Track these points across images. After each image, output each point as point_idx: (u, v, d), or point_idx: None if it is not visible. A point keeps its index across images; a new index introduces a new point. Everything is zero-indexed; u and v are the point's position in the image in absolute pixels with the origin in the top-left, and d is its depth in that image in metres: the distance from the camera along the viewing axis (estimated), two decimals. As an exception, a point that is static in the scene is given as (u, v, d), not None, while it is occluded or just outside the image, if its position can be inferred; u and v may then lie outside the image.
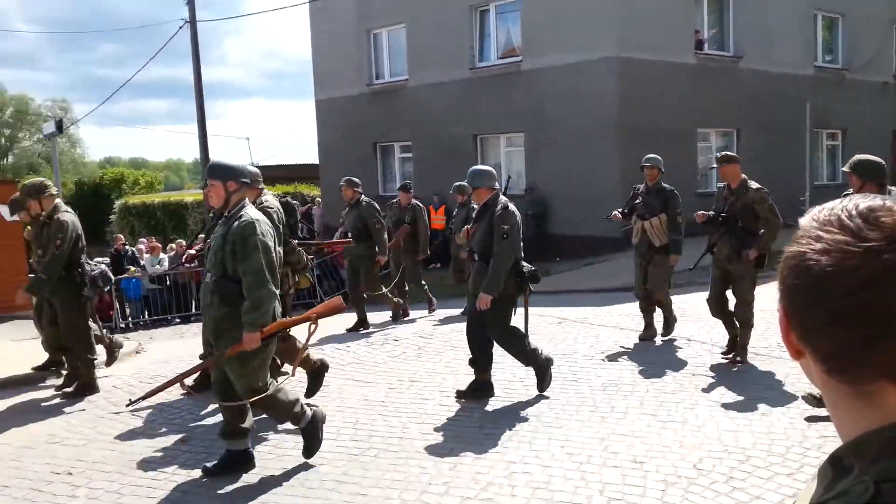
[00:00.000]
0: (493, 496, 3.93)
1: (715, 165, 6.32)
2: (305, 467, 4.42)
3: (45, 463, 4.70)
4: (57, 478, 4.45)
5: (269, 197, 5.58)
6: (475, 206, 9.05)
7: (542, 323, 8.51)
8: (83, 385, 6.18)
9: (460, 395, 5.58)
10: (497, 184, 5.59)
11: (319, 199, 21.16)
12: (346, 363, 6.96)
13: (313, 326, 4.48)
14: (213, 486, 4.21)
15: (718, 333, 7.10)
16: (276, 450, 4.76)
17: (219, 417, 4.83)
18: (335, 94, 19.59)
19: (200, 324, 12.55)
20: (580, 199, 14.05)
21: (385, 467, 4.39)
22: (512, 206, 5.44)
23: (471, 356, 5.65)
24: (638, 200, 7.04)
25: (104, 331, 6.87)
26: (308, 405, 4.50)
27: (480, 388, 5.61)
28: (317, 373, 5.48)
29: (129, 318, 13.26)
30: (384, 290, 8.88)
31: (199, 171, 25.52)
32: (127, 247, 15.13)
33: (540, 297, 11.73)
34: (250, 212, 4.25)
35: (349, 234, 8.30)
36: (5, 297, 9.16)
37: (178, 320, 12.91)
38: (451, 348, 7.30)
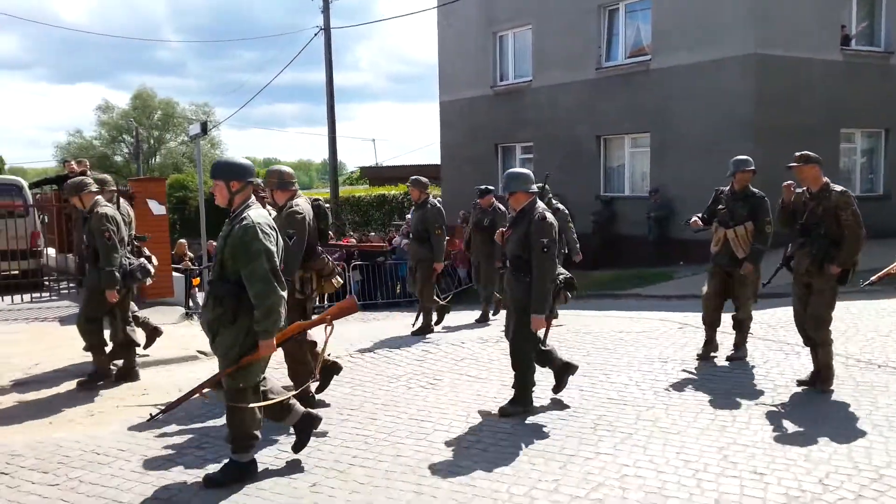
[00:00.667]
0: (603, 497, 3.86)
1: (793, 164, 5.55)
2: (419, 458, 4.51)
3: (181, 438, 5.05)
4: (191, 453, 4.78)
5: (301, 200, 5.41)
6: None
7: (663, 327, 8.26)
8: (97, 372, 6.33)
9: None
10: (534, 188, 5.27)
11: (440, 199, 21.50)
12: (461, 359, 7.03)
13: (329, 328, 4.48)
14: (345, 471, 4.38)
15: (853, 346, 6.64)
16: (391, 437, 4.88)
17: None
18: (459, 96, 19.84)
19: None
20: (708, 201, 13.46)
21: (494, 461, 4.40)
22: (550, 216, 5.10)
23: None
24: (721, 206, 6.45)
25: (146, 317, 7.11)
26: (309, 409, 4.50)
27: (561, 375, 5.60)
28: (328, 371, 5.56)
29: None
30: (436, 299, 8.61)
31: (328, 172, 26.58)
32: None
33: (661, 301, 11.48)
34: (252, 214, 4.06)
35: (411, 235, 8.31)
36: (151, 285, 9.94)
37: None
38: (565, 348, 7.21)
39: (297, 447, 4.48)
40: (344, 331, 8.13)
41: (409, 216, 8.56)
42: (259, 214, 4.10)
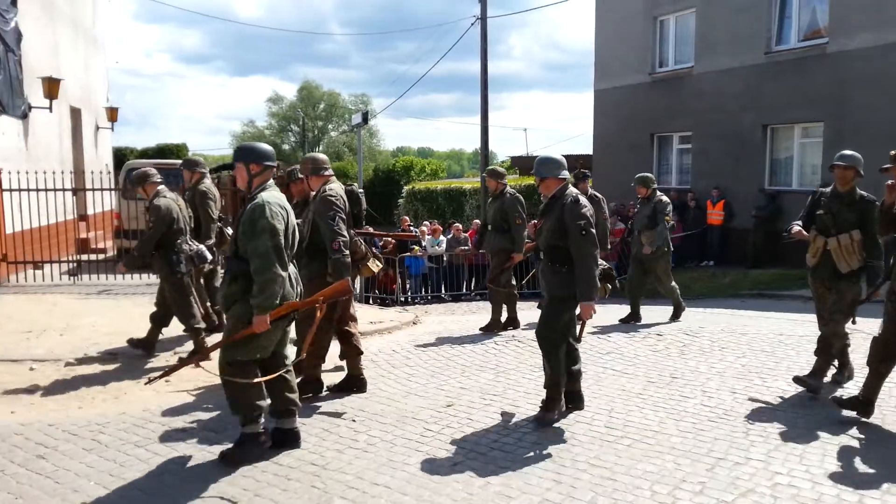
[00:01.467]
0: (752, 504, 3.70)
1: (889, 166, 4.74)
2: (559, 448, 4.52)
3: (332, 409, 5.38)
4: (342, 422, 5.08)
5: (335, 185, 5.51)
6: (662, 199, 8.55)
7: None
8: (195, 351, 6.48)
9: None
10: (566, 174, 4.95)
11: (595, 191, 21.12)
12: (605, 352, 6.93)
13: (321, 309, 4.50)
14: (485, 454, 4.49)
15: None
16: (532, 425, 4.93)
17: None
18: (615, 84, 19.36)
19: (469, 303, 13.22)
20: None
21: (638, 457, 4.33)
22: (583, 199, 4.86)
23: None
24: (821, 211, 5.43)
25: (207, 303, 7.38)
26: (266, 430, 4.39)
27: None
28: (352, 380, 5.81)
29: (409, 293, 14.49)
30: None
31: (479, 161, 26.87)
32: (412, 228, 16.50)
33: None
34: (265, 194, 4.22)
35: (489, 226, 8.08)
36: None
37: (449, 298, 13.84)
38: (719, 348, 6.91)
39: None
40: (483, 319, 8.27)
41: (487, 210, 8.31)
42: (272, 195, 4.25)
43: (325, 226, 5.24)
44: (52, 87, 12.12)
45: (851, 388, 5.46)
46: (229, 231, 7.26)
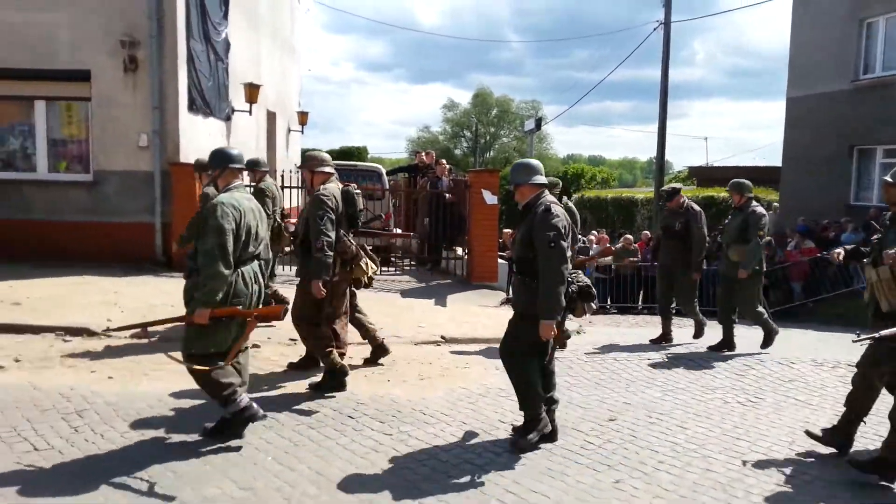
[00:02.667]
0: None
1: None
2: (732, 475, 4.23)
3: (493, 411, 5.41)
4: (501, 425, 5.09)
5: (332, 185, 5.55)
6: (757, 210, 7.31)
7: None
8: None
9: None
10: (541, 179, 4.58)
11: (777, 204, 19.70)
12: (788, 379, 6.42)
13: (251, 324, 4.42)
14: (650, 475, 4.32)
15: None
16: (701, 449, 4.66)
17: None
18: (811, 91, 17.91)
19: (636, 315, 12.76)
20: None
21: (822, 496, 3.95)
22: (556, 208, 4.43)
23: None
24: (876, 237, 4.56)
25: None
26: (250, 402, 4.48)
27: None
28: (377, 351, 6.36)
29: (576, 302, 14.23)
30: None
31: (652, 170, 25.98)
32: (580, 237, 16.24)
33: None
34: (225, 195, 4.40)
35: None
36: (478, 269, 10.74)
37: (615, 310, 13.45)
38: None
39: (213, 431, 4.52)
40: (650, 333, 7.96)
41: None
42: (231, 196, 4.40)
43: (312, 224, 5.35)
44: (252, 92, 13.22)
45: None
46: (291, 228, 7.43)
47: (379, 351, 6.52)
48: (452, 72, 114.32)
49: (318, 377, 5.73)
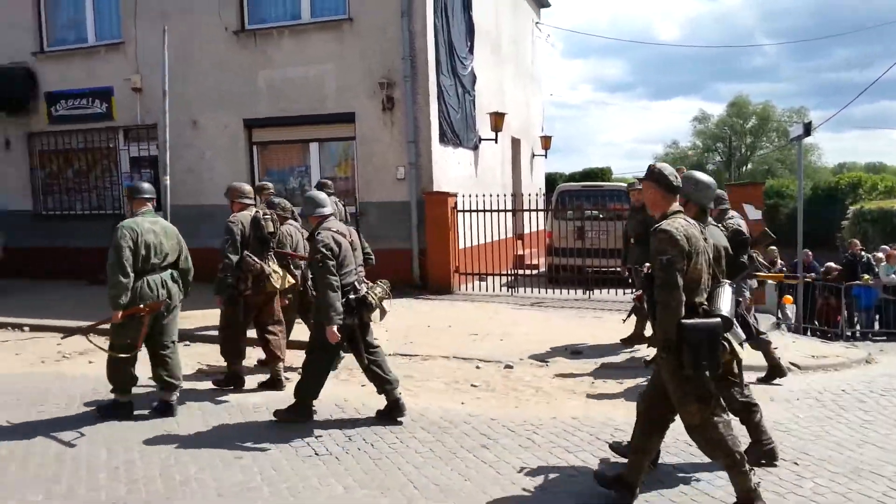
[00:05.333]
0: None
1: None
2: None
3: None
4: (783, 464, 4.53)
5: (242, 213, 6.29)
6: (738, 226, 5.36)
7: None
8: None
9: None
10: (324, 211, 5.43)
11: None
12: None
13: (144, 319, 5.39)
14: None
15: None
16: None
17: None
18: None
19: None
20: None
21: None
22: (324, 233, 5.25)
23: None
24: None
25: None
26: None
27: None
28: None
29: (857, 327, 12.55)
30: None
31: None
32: (863, 253, 14.31)
33: None
34: (128, 220, 5.50)
35: None
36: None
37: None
38: None
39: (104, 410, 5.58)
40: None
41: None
42: (134, 220, 5.47)
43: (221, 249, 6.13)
44: (498, 120, 13.60)
45: None
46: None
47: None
48: (696, 84, 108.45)
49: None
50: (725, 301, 3.62)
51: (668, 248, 3.52)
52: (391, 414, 5.41)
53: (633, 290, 7.59)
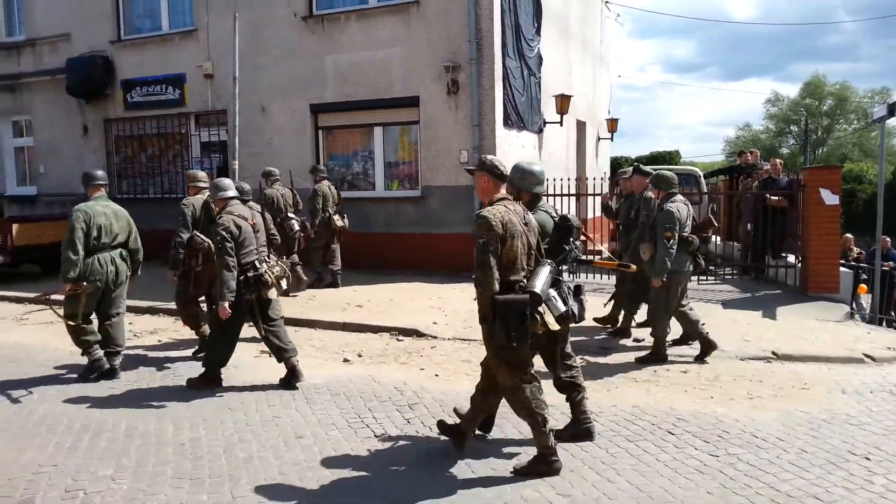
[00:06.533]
0: None
1: None
2: None
3: (841, 440, 4.67)
4: (854, 457, 4.37)
5: (194, 197, 6.98)
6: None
7: None
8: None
9: None
10: (226, 193, 6.07)
11: None
12: None
13: (81, 295, 6.13)
14: None
15: None
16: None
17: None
18: None
19: None
20: None
21: None
22: (225, 217, 5.81)
23: None
24: None
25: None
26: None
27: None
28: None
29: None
30: None
31: None
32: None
33: None
34: (81, 204, 6.21)
35: None
36: (815, 279, 9.51)
37: None
38: None
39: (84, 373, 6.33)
40: None
41: None
42: (87, 204, 6.20)
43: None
44: (563, 103, 13.40)
45: None
46: (295, 226, 9.66)
47: None
48: (770, 64, 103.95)
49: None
50: (539, 279, 3.95)
51: (484, 232, 3.90)
52: (290, 381, 5.96)
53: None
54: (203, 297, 7.05)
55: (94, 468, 4.36)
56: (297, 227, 9.71)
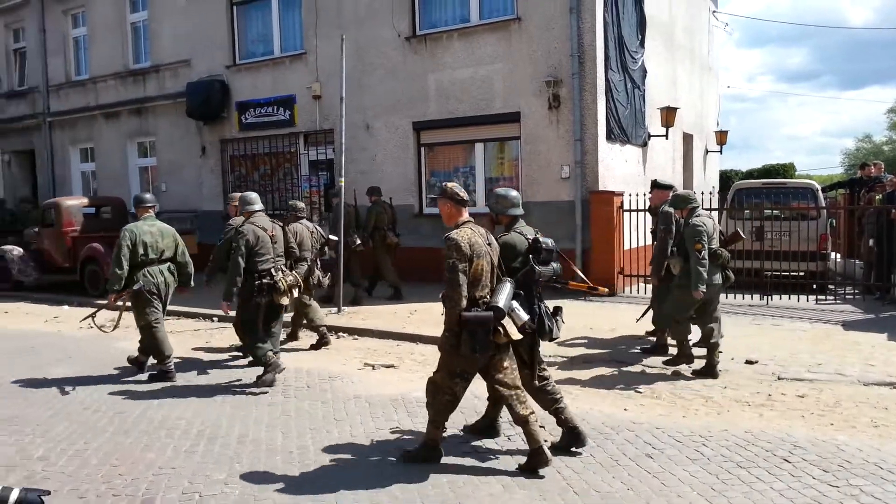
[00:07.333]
0: None
1: None
2: None
3: None
4: None
5: (239, 220, 7.39)
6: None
7: None
8: None
9: None
10: (252, 207, 6.93)
11: None
12: None
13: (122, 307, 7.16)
14: None
15: None
16: None
17: None
18: None
19: None
20: None
21: None
22: (247, 226, 6.57)
23: None
24: None
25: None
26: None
27: None
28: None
29: None
30: None
31: None
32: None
33: None
34: (132, 224, 6.96)
35: None
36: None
37: None
38: None
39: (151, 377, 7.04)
40: None
41: None
42: (136, 225, 6.91)
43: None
44: (669, 115, 13.06)
45: None
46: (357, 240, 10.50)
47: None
48: (892, 71, 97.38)
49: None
50: (501, 296, 4.27)
51: (453, 253, 4.21)
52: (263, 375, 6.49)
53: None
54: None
55: (208, 472, 4.58)
56: (358, 241, 10.57)
